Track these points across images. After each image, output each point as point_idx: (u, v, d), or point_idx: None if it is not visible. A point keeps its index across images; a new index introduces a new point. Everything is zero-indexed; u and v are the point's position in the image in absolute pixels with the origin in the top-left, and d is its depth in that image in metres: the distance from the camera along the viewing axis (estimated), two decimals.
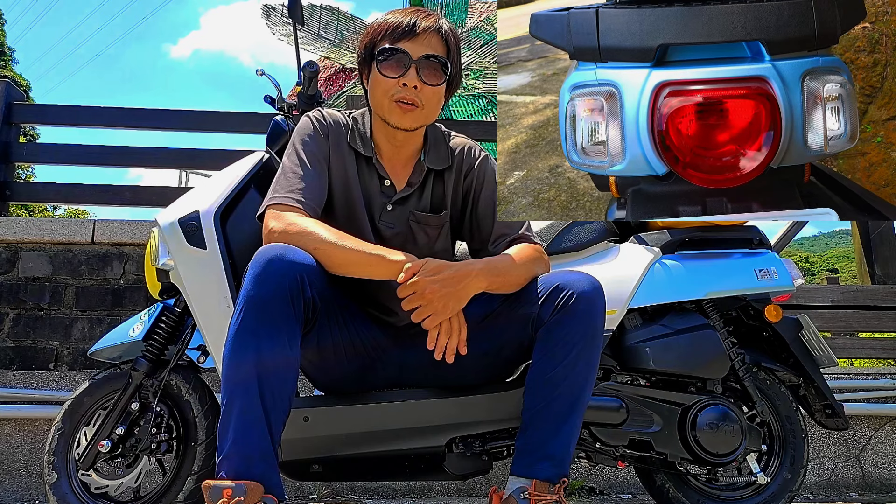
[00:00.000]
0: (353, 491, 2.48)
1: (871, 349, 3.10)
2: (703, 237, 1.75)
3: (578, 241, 1.74)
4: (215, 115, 3.61)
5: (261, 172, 1.71)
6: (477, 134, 3.41)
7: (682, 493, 1.72)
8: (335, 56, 9.71)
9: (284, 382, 1.15)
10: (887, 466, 2.70)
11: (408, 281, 1.20)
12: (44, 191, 3.76)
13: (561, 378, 1.25)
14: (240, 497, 1.04)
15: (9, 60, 21.58)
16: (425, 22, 1.35)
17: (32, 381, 2.53)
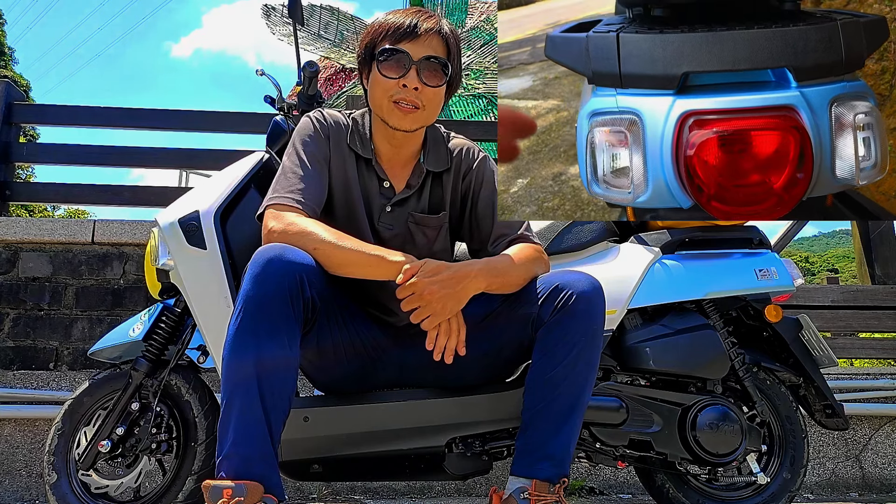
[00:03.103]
0: (353, 491, 2.48)
1: (871, 349, 3.10)
2: (703, 237, 1.75)
3: (578, 241, 1.74)
4: (215, 115, 3.61)
5: (261, 172, 1.71)
6: (477, 134, 3.41)
7: (682, 493, 1.72)
8: (335, 56, 9.71)
9: (284, 382, 1.15)
10: (887, 466, 2.70)
11: (407, 282, 1.20)
12: (44, 191, 3.76)
13: (561, 378, 1.25)
14: (240, 497, 1.04)
15: (9, 60, 21.58)
16: (426, 23, 1.35)
17: (32, 381, 2.53)
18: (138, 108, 4.35)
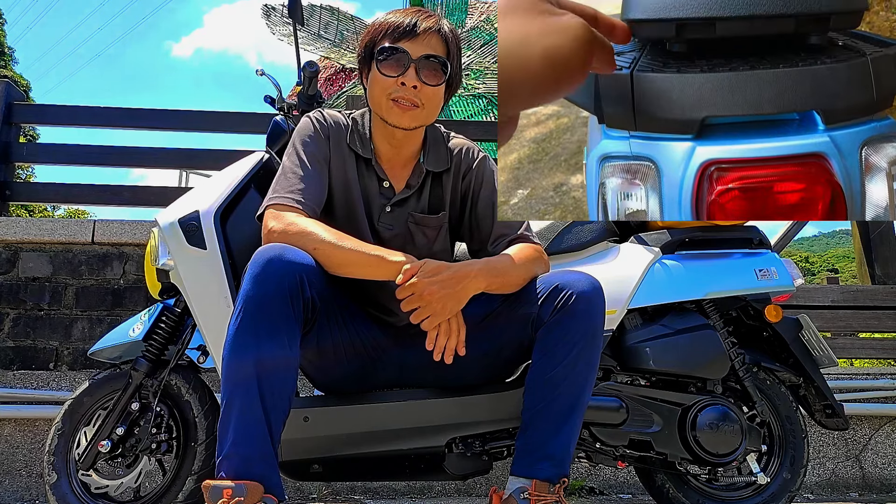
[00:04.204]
0: (353, 491, 2.48)
1: (871, 349, 3.10)
2: (703, 237, 1.75)
3: (578, 241, 1.74)
4: (215, 115, 3.61)
5: (261, 172, 1.71)
6: (477, 134, 3.41)
7: (682, 493, 1.72)
8: (335, 56, 9.72)
9: (284, 382, 1.15)
10: (887, 466, 2.70)
11: (406, 282, 1.20)
12: (44, 191, 3.76)
13: (561, 378, 1.25)
14: (240, 497, 1.04)
15: (9, 60, 21.57)
16: (426, 22, 1.35)
17: (32, 381, 2.53)
18: (138, 108, 4.35)
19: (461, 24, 9.00)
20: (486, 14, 9.18)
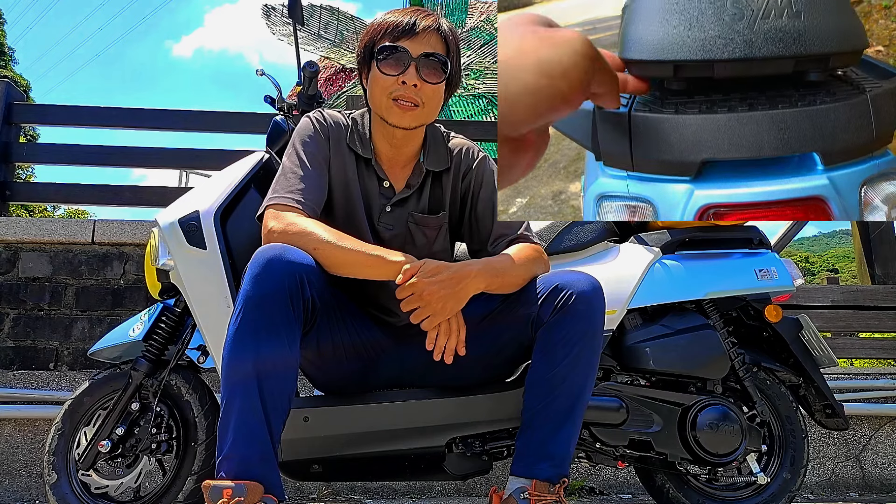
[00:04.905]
0: (353, 491, 2.48)
1: (871, 349, 3.10)
2: (703, 237, 1.75)
3: (578, 241, 1.74)
4: (215, 115, 3.61)
5: (261, 172, 1.71)
6: (477, 134, 3.41)
7: (682, 493, 1.72)
8: (335, 56, 9.72)
9: (284, 382, 1.15)
10: (887, 466, 2.70)
11: (406, 282, 1.20)
12: (44, 191, 3.76)
13: (561, 378, 1.25)
14: (240, 497, 1.04)
15: (9, 60, 21.56)
16: (425, 21, 1.35)
17: (32, 381, 2.53)
18: (138, 108, 4.35)
19: (461, 24, 9.00)
20: (486, 14, 9.18)
